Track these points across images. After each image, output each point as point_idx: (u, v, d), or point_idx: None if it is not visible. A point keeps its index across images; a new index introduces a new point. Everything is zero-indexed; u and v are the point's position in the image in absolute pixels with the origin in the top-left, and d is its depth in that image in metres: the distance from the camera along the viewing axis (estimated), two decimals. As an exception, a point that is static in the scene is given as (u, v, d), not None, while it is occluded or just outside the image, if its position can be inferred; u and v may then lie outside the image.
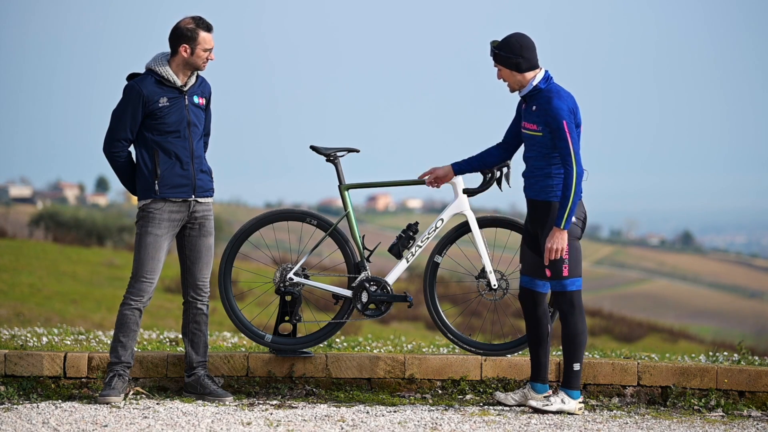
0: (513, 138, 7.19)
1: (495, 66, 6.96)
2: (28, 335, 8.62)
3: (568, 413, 6.89)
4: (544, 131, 6.86)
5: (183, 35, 6.97)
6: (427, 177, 7.36)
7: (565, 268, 6.85)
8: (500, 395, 7.11)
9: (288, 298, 7.43)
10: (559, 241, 6.80)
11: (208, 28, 7.01)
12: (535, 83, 6.89)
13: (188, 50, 6.98)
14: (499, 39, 6.94)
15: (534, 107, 6.90)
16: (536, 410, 6.89)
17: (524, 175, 7.04)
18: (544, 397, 6.99)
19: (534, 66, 6.91)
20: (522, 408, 7.04)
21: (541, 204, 6.93)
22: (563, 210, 6.77)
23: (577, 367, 6.88)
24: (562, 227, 6.78)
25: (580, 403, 6.93)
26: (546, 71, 6.94)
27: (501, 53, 6.88)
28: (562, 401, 6.88)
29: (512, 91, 7.00)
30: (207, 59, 7.03)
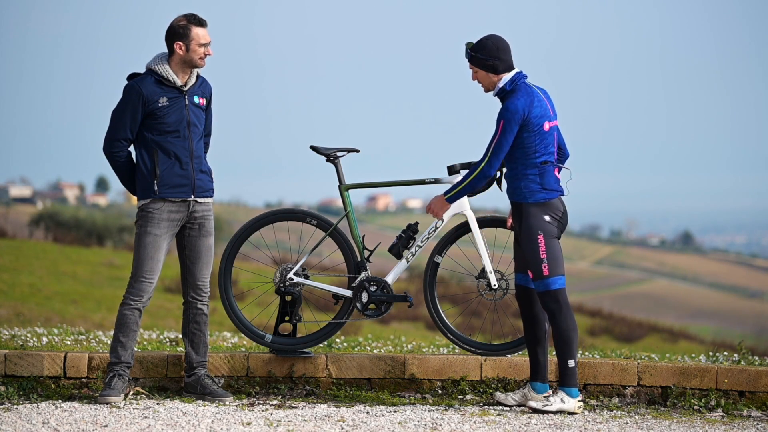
0: None
1: (471, 68, 6.99)
2: (28, 335, 8.62)
3: (568, 413, 6.89)
4: None
5: (176, 33, 6.98)
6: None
7: (545, 267, 6.88)
8: (500, 395, 7.11)
9: (288, 298, 7.43)
10: (436, 205, 7.13)
11: (201, 23, 7.01)
12: (501, 85, 6.94)
13: (183, 47, 6.98)
14: (474, 41, 6.97)
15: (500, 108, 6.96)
16: (536, 411, 6.89)
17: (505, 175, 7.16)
18: (544, 397, 6.99)
19: (510, 67, 6.95)
20: (522, 408, 7.04)
21: (514, 204, 7.03)
22: (454, 187, 7.04)
23: (571, 363, 6.89)
24: (445, 197, 7.07)
25: (579, 401, 6.94)
26: (518, 72, 6.96)
27: (478, 55, 6.92)
28: (562, 401, 6.88)
29: (486, 91, 7.02)
30: (204, 54, 7.02)
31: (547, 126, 6.89)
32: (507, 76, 6.92)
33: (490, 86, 6.97)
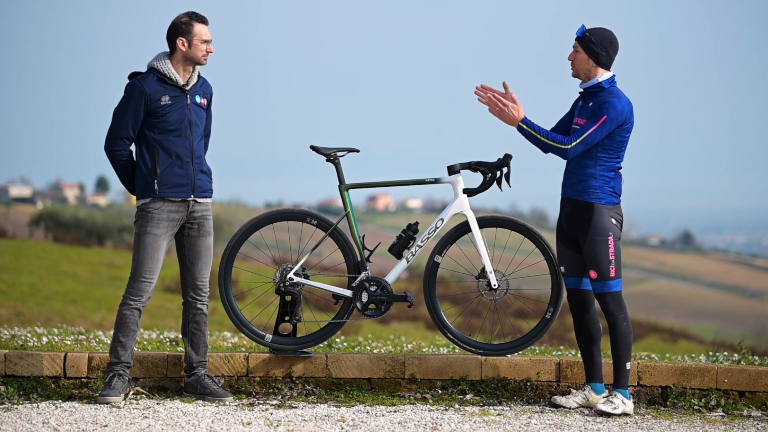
0: (563, 131, 7.16)
1: (575, 46, 6.97)
2: (28, 335, 8.62)
3: (626, 414, 6.90)
4: None
5: (178, 29, 7.00)
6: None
7: (612, 269, 6.90)
8: (560, 399, 7.08)
9: (288, 298, 7.43)
10: (512, 110, 6.95)
11: (203, 20, 7.03)
12: (600, 80, 6.93)
13: (185, 43, 6.99)
14: (588, 26, 6.97)
15: (590, 103, 6.95)
16: (603, 414, 6.85)
17: (566, 172, 7.05)
18: (604, 398, 6.97)
19: (609, 66, 6.97)
20: (522, 408, 7.04)
21: (581, 204, 6.97)
22: (536, 126, 6.92)
23: (628, 366, 6.96)
24: (522, 117, 6.94)
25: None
26: (614, 75, 6.98)
27: (590, 38, 6.92)
28: (623, 402, 6.91)
29: (574, 75, 7.01)
30: (206, 51, 7.04)
31: (629, 137, 6.96)
32: (606, 75, 6.95)
33: (582, 72, 6.96)
